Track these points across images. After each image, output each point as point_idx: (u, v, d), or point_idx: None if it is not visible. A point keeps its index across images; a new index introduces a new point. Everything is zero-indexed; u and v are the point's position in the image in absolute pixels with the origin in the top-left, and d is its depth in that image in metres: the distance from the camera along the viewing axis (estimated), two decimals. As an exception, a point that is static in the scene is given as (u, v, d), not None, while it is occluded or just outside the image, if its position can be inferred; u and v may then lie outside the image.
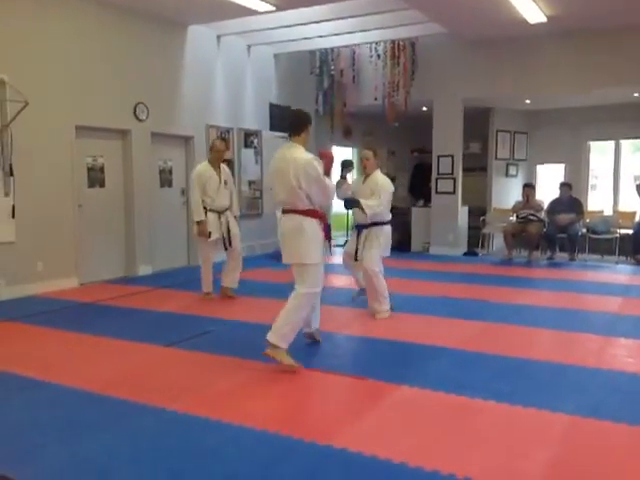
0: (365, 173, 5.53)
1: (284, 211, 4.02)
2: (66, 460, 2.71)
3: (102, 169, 7.33)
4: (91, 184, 7.22)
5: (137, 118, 7.59)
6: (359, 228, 5.54)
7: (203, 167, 5.96)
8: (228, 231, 5.99)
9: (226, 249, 6.08)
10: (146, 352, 4.39)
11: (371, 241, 5.40)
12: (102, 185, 7.34)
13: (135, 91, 7.56)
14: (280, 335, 3.87)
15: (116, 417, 3.18)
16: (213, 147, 6.10)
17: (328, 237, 4.13)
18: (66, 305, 5.96)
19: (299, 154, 3.92)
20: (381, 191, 5.33)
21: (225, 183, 6.00)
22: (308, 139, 4.09)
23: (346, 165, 5.20)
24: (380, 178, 5.44)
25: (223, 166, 6.09)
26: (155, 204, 7.99)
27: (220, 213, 5.97)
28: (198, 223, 5.89)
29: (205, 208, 5.89)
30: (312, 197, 3.91)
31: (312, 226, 3.95)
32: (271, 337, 3.87)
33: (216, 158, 6.02)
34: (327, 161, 4.08)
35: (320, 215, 4.02)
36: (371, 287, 5.31)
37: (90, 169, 7.20)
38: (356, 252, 5.45)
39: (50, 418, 3.20)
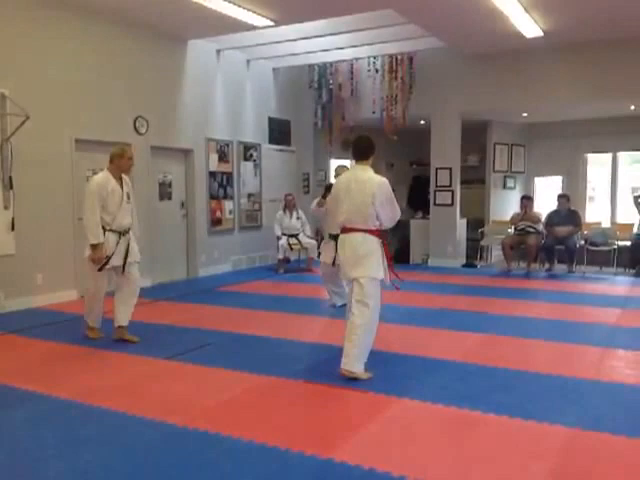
0: None
1: (348, 230, 4.11)
2: (65, 474, 2.70)
3: (102, 182, 7.33)
4: (91, 197, 7.22)
5: (137, 131, 7.63)
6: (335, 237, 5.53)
7: (103, 178, 4.91)
8: (126, 255, 4.99)
9: (123, 272, 5.02)
10: (145, 365, 4.39)
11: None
12: (102, 198, 7.35)
13: (135, 104, 7.61)
14: (360, 361, 3.97)
15: (115, 430, 3.18)
16: (123, 154, 4.98)
17: (389, 257, 4.27)
18: (66, 318, 5.96)
19: (373, 175, 4.14)
20: None
21: (128, 198, 5.02)
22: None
23: (330, 188, 5.37)
24: None
25: (125, 178, 5.08)
26: (154, 217, 8.01)
27: (121, 234, 4.96)
28: (94, 246, 4.79)
29: (104, 228, 4.85)
30: (381, 217, 4.09)
31: (379, 244, 4.12)
32: (352, 367, 3.93)
33: (125, 168, 5.03)
34: None
35: (383, 235, 4.20)
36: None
37: (90, 182, 7.21)
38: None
39: (49, 431, 3.19)
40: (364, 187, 4.06)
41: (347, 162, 12.46)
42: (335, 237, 5.51)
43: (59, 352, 4.77)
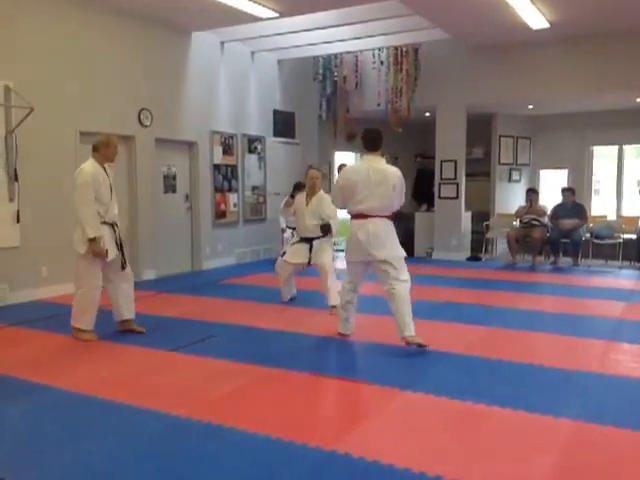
0: (314, 193, 5.97)
1: (367, 216, 4.40)
2: (68, 465, 2.71)
3: (106, 175, 7.35)
4: (95, 190, 7.24)
5: (141, 124, 7.62)
6: (307, 240, 6.00)
7: (93, 167, 4.65)
8: (121, 248, 4.86)
9: (123, 269, 4.92)
10: (149, 356, 4.40)
11: (324, 249, 5.94)
12: (106, 191, 7.36)
13: (139, 97, 7.60)
14: (413, 325, 4.36)
15: (118, 421, 3.19)
16: (109, 143, 4.76)
17: None
18: (70, 310, 5.97)
19: (388, 166, 4.51)
20: (332, 209, 5.67)
21: (111, 187, 4.81)
22: None
23: (299, 187, 6.12)
24: (325, 197, 5.88)
25: (107, 167, 4.83)
26: (159, 209, 8.02)
27: (113, 225, 4.80)
28: (92, 240, 4.56)
29: None
30: (395, 204, 4.51)
31: (393, 227, 4.56)
32: (413, 331, 4.34)
33: (110, 157, 4.81)
34: None
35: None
36: (328, 286, 5.76)
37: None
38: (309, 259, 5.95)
39: (52, 423, 3.20)
40: (385, 177, 4.39)
41: (351, 154, 12.49)
42: (307, 239, 5.99)
43: (63, 344, 4.78)
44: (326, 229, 5.85)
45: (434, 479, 2.51)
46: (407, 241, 10.34)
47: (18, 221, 6.28)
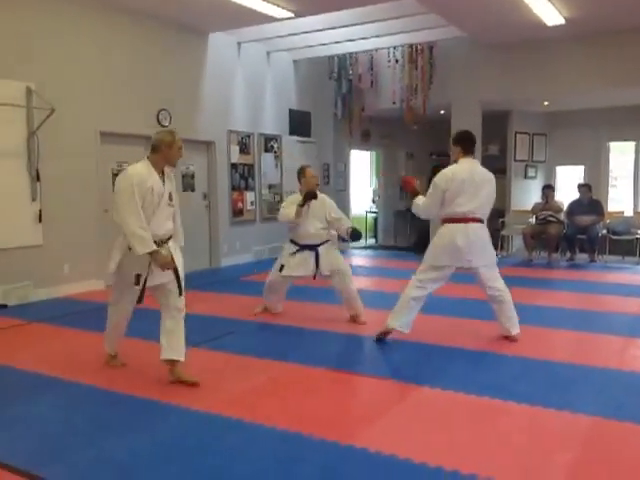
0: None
1: (468, 219, 4.39)
2: (92, 459, 2.78)
3: (126, 174, 7.45)
4: (115, 189, 7.35)
5: (160, 124, 7.72)
6: (311, 248, 5.26)
7: (144, 170, 3.68)
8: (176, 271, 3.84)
9: (139, 302, 3.81)
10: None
11: (337, 255, 5.40)
12: (126, 190, 7.47)
13: (158, 97, 7.70)
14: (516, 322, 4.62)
15: (141, 416, 3.27)
16: (173, 143, 3.78)
17: None
18: (93, 307, 6.08)
19: (485, 170, 4.57)
20: (338, 210, 5.41)
21: (170, 199, 3.85)
22: None
23: (313, 196, 5.21)
24: (326, 197, 5.43)
25: (168, 173, 3.87)
26: (178, 208, 8.10)
27: (158, 244, 3.68)
28: (151, 254, 3.59)
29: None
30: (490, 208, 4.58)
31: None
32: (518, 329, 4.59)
33: (172, 160, 3.85)
34: (409, 186, 4.82)
35: None
36: (354, 292, 5.30)
37: (115, 175, 7.34)
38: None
39: (77, 418, 3.29)
40: (487, 179, 4.52)
41: (366, 153, 12.51)
42: (309, 247, 5.24)
43: (86, 340, 4.87)
44: (357, 234, 5.27)
45: (451, 473, 2.55)
46: (422, 238, 10.37)
47: (40, 220, 6.41)
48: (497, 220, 10.24)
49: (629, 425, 3.04)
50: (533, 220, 9.42)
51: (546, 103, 10.28)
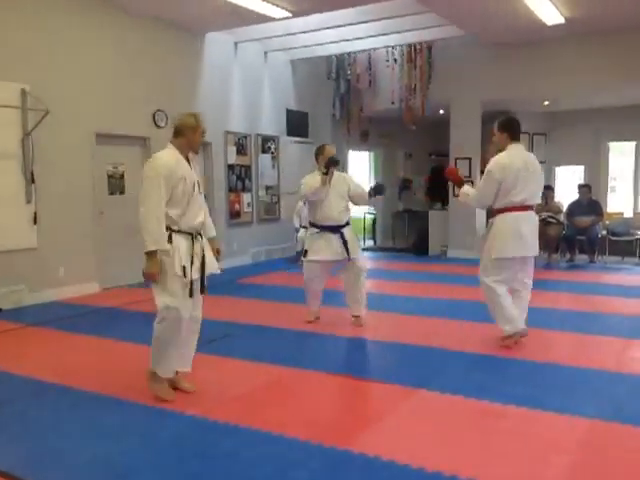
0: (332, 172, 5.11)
1: (527, 207, 4.33)
2: (86, 464, 2.75)
3: (122, 176, 7.43)
4: (112, 191, 7.32)
5: (156, 125, 7.68)
6: (333, 230, 5.00)
7: (172, 157, 3.45)
8: (203, 268, 3.55)
9: (191, 295, 3.47)
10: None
11: (356, 242, 5.24)
12: (122, 192, 7.44)
13: (154, 98, 7.66)
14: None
15: (135, 421, 3.23)
16: (197, 126, 3.55)
17: None
18: (88, 310, 6.05)
19: (534, 156, 4.46)
20: (356, 182, 5.28)
21: (199, 186, 3.59)
22: None
23: (336, 162, 5.06)
24: (344, 174, 5.30)
25: (192, 159, 3.65)
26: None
27: (193, 237, 3.48)
28: (148, 254, 3.31)
29: (168, 228, 3.37)
30: None
31: None
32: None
33: (196, 145, 3.63)
34: (454, 175, 4.85)
35: None
36: (363, 287, 5.19)
37: (110, 176, 7.31)
38: (348, 254, 4.98)
39: (71, 422, 3.25)
40: (538, 168, 4.41)
41: (365, 153, 12.47)
42: (331, 229, 4.99)
43: (81, 344, 4.84)
44: (380, 187, 5.10)
45: (449, 478, 2.51)
46: (421, 239, 10.35)
47: (35, 223, 6.36)
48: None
49: (629, 428, 3.00)
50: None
51: (546, 103, 10.25)
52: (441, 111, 10.32)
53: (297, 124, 10.42)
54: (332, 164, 4.98)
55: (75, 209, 6.79)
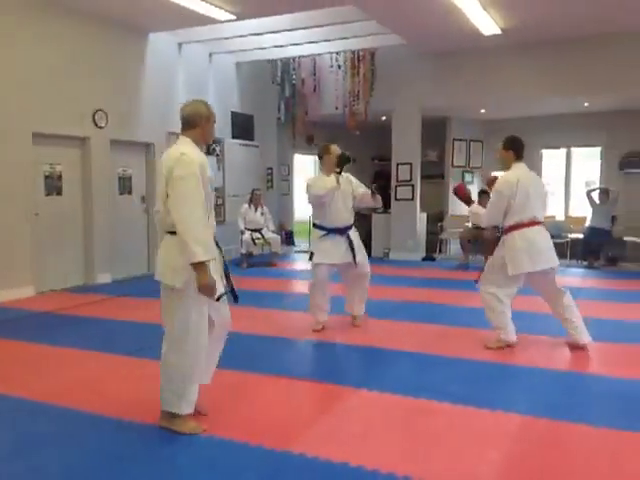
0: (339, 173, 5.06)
1: (535, 223, 4.41)
2: (22, 474, 2.68)
3: (60, 177, 7.23)
4: (48, 192, 7.11)
5: (96, 125, 7.51)
6: (340, 232, 4.94)
7: (199, 154, 3.05)
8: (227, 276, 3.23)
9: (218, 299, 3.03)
10: (104, 361, 4.35)
11: (361, 245, 5.20)
12: (59, 193, 7.24)
13: (94, 98, 7.49)
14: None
15: (74, 429, 3.16)
16: (211, 115, 3.20)
17: None
18: (22, 314, 5.85)
19: (534, 173, 4.64)
20: (359, 183, 5.23)
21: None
22: None
23: (349, 159, 4.94)
24: (349, 175, 5.25)
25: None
26: (114, 211, 7.92)
27: (217, 243, 3.16)
28: (198, 265, 2.83)
29: None
30: None
31: None
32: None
33: (209, 138, 3.30)
34: (463, 194, 4.93)
35: None
36: (364, 288, 5.26)
37: (47, 177, 7.10)
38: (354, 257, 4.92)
39: (5, 431, 3.16)
40: (542, 184, 4.67)
41: (310, 157, 12.55)
42: (338, 231, 4.90)
43: (15, 350, 4.68)
44: (344, 157, 4.98)
45: (387, 476, 2.58)
46: (365, 242, 10.48)
47: (-33, 224, 6.12)
48: (436, 224, 10.49)
49: (561, 423, 3.14)
50: (469, 224, 9.67)
51: (482, 111, 10.61)
52: (383, 117, 10.53)
53: (242, 127, 10.40)
54: (346, 161, 4.86)
55: (9, 210, 6.56)
